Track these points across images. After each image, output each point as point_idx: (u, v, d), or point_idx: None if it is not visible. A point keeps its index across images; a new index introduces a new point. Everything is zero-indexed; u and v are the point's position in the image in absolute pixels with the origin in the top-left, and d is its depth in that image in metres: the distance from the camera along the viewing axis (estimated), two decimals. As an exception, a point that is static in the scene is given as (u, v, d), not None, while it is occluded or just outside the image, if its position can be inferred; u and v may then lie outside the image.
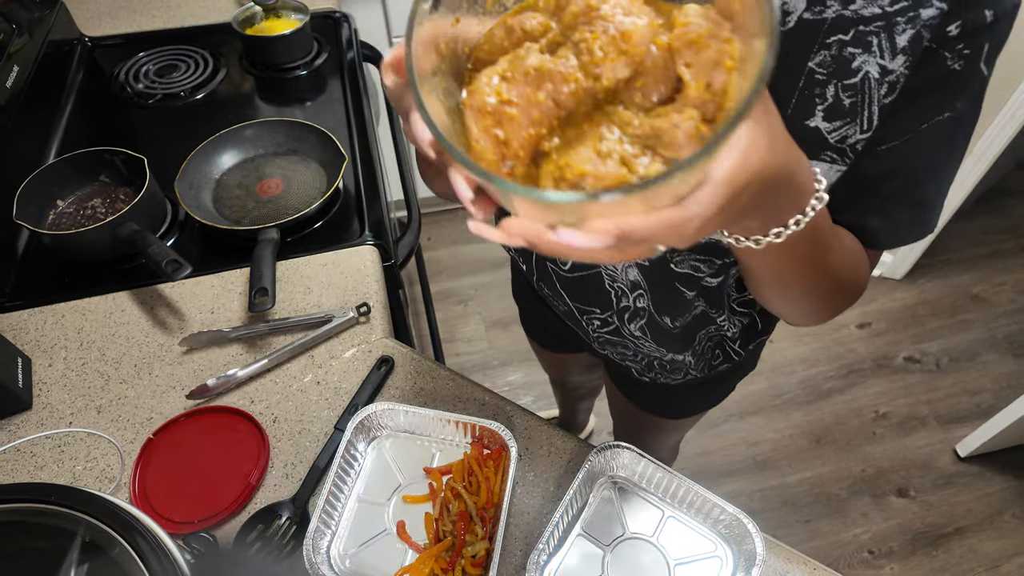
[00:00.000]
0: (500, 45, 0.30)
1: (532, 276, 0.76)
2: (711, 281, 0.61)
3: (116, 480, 0.68)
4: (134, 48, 1.22)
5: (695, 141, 0.27)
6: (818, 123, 0.43)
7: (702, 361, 0.73)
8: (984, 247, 2.12)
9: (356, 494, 0.66)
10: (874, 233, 0.49)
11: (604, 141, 0.28)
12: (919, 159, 0.45)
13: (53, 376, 0.76)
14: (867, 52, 0.41)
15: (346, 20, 1.31)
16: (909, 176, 0.46)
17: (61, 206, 0.90)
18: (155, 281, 0.85)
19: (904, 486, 1.61)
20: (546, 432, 0.72)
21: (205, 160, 0.96)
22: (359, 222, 0.93)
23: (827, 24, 0.41)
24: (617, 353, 0.76)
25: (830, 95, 0.42)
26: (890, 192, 0.47)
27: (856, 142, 0.44)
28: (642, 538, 0.63)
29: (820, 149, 0.44)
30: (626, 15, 0.27)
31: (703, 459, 1.66)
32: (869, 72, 0.41)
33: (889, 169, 0.46)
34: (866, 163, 0.45)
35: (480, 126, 0.28)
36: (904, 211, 0.48)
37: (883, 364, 1.84)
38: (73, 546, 0.43)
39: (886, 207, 0.48)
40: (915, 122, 0.43)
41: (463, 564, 0.60)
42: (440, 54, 0.29)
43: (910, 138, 0.44)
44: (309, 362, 0.78)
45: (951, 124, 0.44)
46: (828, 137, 0.44)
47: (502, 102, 0.28)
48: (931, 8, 0.39)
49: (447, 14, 0.29)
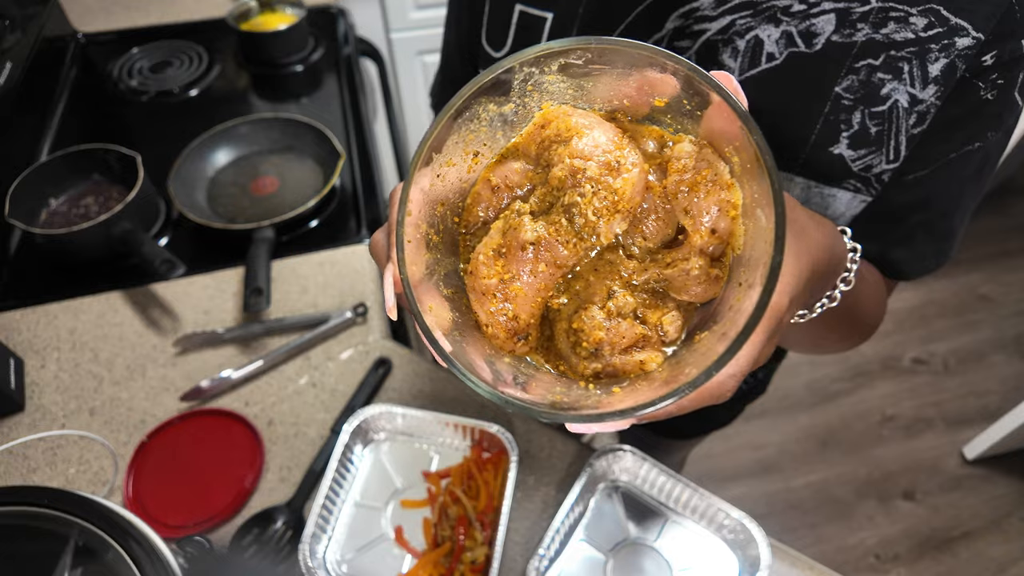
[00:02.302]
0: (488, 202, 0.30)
1: None
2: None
3: (109, 483, 0.67)
4: (128, 44, 1.21)
5: (705, 282, 0.27)
6: (842, 150, 0.42)
7: None
8: (992, 246, 2.11)
9: (353, 498, 0.64)
10: (898, 264, 0.48)
11: (613, 298, 0.27)
12: (947, 190, 0.44)
13: (45, 377, 0.75)
14: (897, 79, 0.39)
15: (342, 15, 1.30)
16: (936, 207, 0.45)
17: (54, 205, 0.89)
18: (148, 281, 0.84)
19: (911, 489, 1.59)
20: (547, 435, 0.70)
21: (199, 158, 0.95)
22: (356, 220, 0.92)
23: (856, 48, 0.39)
24: None
25: (856, 122, 0.41)
26: (916, 223, 0.46)
27: (882, 172, 0.42)
28: (644, 543, 0.62)
29: (843, 177, 0.43)
30: (613, 169, 0.26)
31: (707, 463, 1.64)
32: (899, 100, 0.40)
33: (916, 200, 0.44)
34: (892, 193, 0.44)
35: (486, 311, 0.28)
36: (929, 242, 0.47)
37: (890, 365, 1.83)
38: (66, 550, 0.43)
39: (912, 239, 0.46)
40: (944, 152, 0.42)
41: (462, 570, 0.59)
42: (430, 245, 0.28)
43: (938, 168, 0.42)
44: (305, 363, 0.76)
45: (981, 155, 0.42)
46: (852, 165, 0.42)
47: (503, 281, 0.28)
48: (967, 37, 0.37)
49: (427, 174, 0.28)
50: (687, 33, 0.43)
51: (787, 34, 0.40)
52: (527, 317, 0.28)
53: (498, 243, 0.28)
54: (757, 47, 0.41)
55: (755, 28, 0.41)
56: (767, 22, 0.41)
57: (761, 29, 0.41)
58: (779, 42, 0.41)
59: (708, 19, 0.42)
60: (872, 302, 0.47)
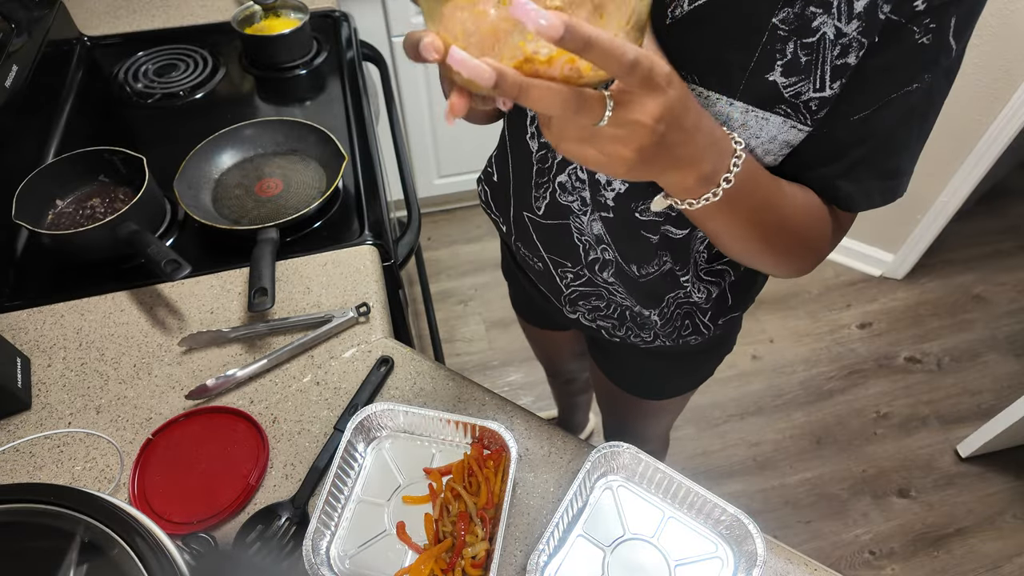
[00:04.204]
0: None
1: (511, 237, 0.77)
2: (675, 232, 0.62)
3: (115, 480, 0.68)
4: (133, 48, 1.22)
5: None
6: (776, 77, 0.45)
7: (670, 326, 0.74)
8: (985, 247, 2.12)
9: (356, 495, 0.65)
10: (845, 197, 0.52)
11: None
12: (886, 127, 0.48)
13: (52, 376, 0.76)
14: (827, 13, 0.43)
15: (346, 19, 1.31)
16: (879, 144, 0.49)
17: (60, 206, 0.90)
18: (154, 281, 0.85)
19: (905, 486, 1.61)
20: (546, 432, 0.71)
21: (204, 160, 0.96)
22: (359, 222, 0.93)
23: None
24: (590, 308, 0.76)
25: (789, 51, 0.44)
26: (859, 158, 0.50)
27: (809, 99, 0.46)
28: (642, 539, 0.63)
29: (775, 103, 0.47)
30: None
31: (703, 459, 1.65)
32: (826, 33, 0.43)
33: (859, 137, 0.48)
34: (837, 131, 0.48)
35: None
36: (874, 179, 0.51)
37: (884, 364, 1.84)
38: (72, 547, 0.42)
39: (856, 173, 0.50)
40: (885, 93, 0.46)
41: (463, 565, 0.59)
42: None
43: (879, 108, 0.46)
44: (309, 362, 0.78)
45: (920, 95, 0.46)
46: (784, 92, 0.46)
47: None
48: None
49: None
50: None
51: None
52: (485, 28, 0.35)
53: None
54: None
55: None
56: None
57: None
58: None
59: None
60: (802, 216, 0.52)
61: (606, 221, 0.64)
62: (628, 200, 0.60)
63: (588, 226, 0.66)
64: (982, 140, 1.63)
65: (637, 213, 0.61)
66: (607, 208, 0.62)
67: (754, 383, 1.79)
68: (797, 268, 0.56)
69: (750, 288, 0.75)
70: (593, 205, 0.63)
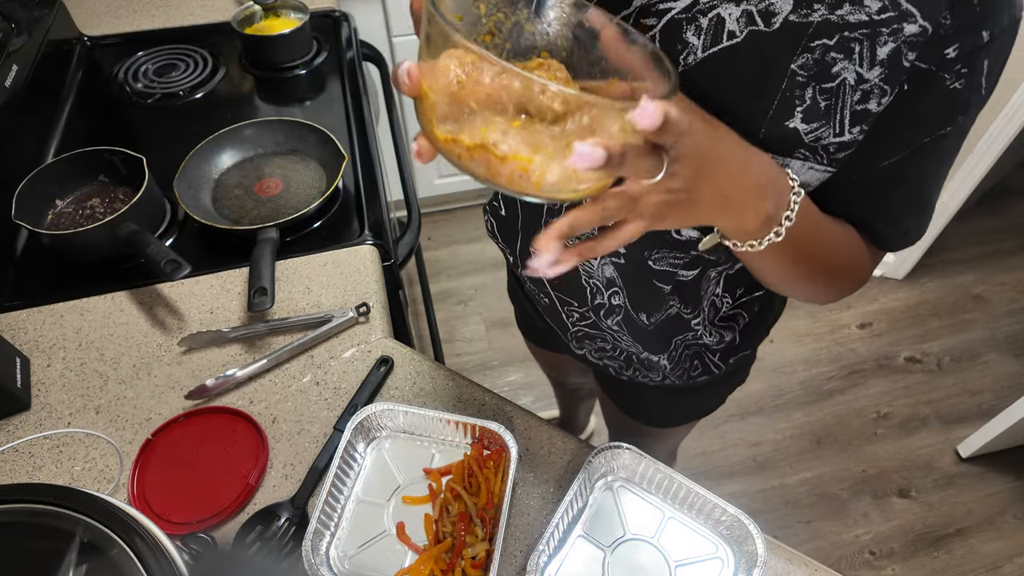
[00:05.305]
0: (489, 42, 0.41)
1: (518, 268, 0.77)
2: (685, 274, 0.61)
3: (115, 481, 0.68)
4: (133, 47, 1.22)
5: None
6: (796, 124, 0.44)
7: (679, 368, 0.73)
8: (985, 246, 2.12)
9: (355, 495, 0.65)
10: (882, 238, 0.52)
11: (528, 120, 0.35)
12: (922, 169, 0.47)
13: (52, 376, 0.76)
14: (848, 59, 0.41)
15: (346, 19, 1.31)
16: (913, 186, 0.49)
17: (60, 206, 0.90)
18: (154, 281, 0.85)
19: (905, 487, 1.61)
20: (546, 433, 0.71)
21: (204, 160, 0.96)
22: (359, 222, 0.93)
23: (812, 28, 0.41)
24: (596, 349, 0.76)
25: (808, 97, 0.43)
26: (895, 200, 0.49)
27: (828, 144, 0.45)
28: (643, 539, 0.63)
29: (795, 147, 0.46)
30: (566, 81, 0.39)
31: (704, 459, 1.65)
32: (846, 78, 0.42)
33: (894, 180, 0.48)
34: (872, 174, 0.47)
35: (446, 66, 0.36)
36: (911, 217, 0.51)
37: (884, 364, 1.84)
38: (71, 547, 0.42)
39: (892, 214, 0.50)
40: (917, 137, 0.45)
41: (463, 565, 0.59)
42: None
43: (913, 152, 0.45)
44: (308, 362, 0.78)
45: (953, 137, 0.45)
46: (804, 137, 0.45)
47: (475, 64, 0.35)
48: (914, 25, 0.39)
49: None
50: (653, 11, 0.46)
51: (747, 13, 0.43)
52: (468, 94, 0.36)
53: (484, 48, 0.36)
54: (719, 25, 0.44)
55: (717, 7, 0.44)
56: (728, 1, 0.43)
57: (723, 8, 0.44)
58: (740, 20, 0.43)
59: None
60: (845, 254, 0.51)
61: (618, 266, 0.63)
62: (641, 248, 0.60)
63: (599, 270, 0.65)
64: (982, 140, 1.63)
65: (651, 261, 0.60)
66: (619, 254, 0.62)
67: (754, 383, 1.79)
68: (836, 297, 0.55)
69: (763, 327, 0.74)
70: None
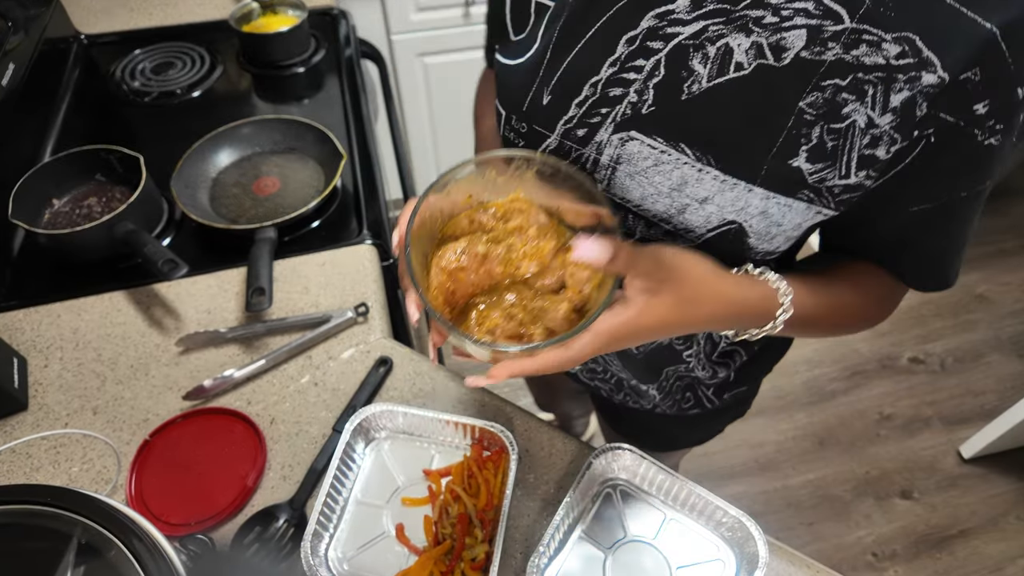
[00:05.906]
0: (462, 228, 0.49)
1: None
2: None
3: (112, 482, 0.67)
4: (130, 46, 1.22)
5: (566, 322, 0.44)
6: (800, 163, 0.42)
7: (670, 399, 0.72)
8: (989, 246, 2.11)
9: (354, 496, 0.65)
10: (913, 280, 0.53)
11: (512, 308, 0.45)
12: (955, 218, 0.46)
13: (49, 377, 0.76)
14: (860, 101, 0.40)
15: (344, 17, 1.30)
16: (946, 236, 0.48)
17: (57, 205, 0.90)
18: (151, 281, 0.84)
19: (908, 488, 1.60)
20: (547, 434, 0.71)
21: (201, 158, 0.95)
22: (357, 221, 0.93)
23: (824, 67, 0.40)
24: (587, 370, 0.75)
25: (815, 136, 0.41)
26: (932, 248, 0.49)
27: (834, 186, 0.43)
28: (643, 541, 0.62)
29: (799, 188, 0.44)
30: (540, 239, 0.48)
31: (705, 461, 1.65)
32: (856, 120, 0.40)
33: (924, 228, 0.47)
34: (899, 221, 0.47)
35: (438, 281, 0.46)
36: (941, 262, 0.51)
37: (887, 365, 1.83)
38: (69, 548, 0.42)
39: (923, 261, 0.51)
40: (951, 191, 0.44)
41: (463, 567, 0.59)
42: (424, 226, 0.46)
43: (946, 203, 0.44)
44: (307, 363, 0.77)
45: (991, 185, 0.44)
46: (808, 178, 0.43)
47: (459, 268, 0.47)
48: (933, 75, 0.38)
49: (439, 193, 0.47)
50: (660, 35, 0.44)
51: (757, 45, 0.41)
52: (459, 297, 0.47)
53: (464, 247, 0.47)
54: (727, 55, 0.42)
55: (726, 36, 0.42)
56: (739, 31, 0.41)
57: (732, 38, 0.41)
58: (749, 52, 0.41)
59: (682, 23, 0.43)
60: (862, 306, 0.54)
61: None
62: None
63: None
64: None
65: None
66: None
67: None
68: (859, 331, 0.58)
69: (762, 367, 0.73)
70: None
